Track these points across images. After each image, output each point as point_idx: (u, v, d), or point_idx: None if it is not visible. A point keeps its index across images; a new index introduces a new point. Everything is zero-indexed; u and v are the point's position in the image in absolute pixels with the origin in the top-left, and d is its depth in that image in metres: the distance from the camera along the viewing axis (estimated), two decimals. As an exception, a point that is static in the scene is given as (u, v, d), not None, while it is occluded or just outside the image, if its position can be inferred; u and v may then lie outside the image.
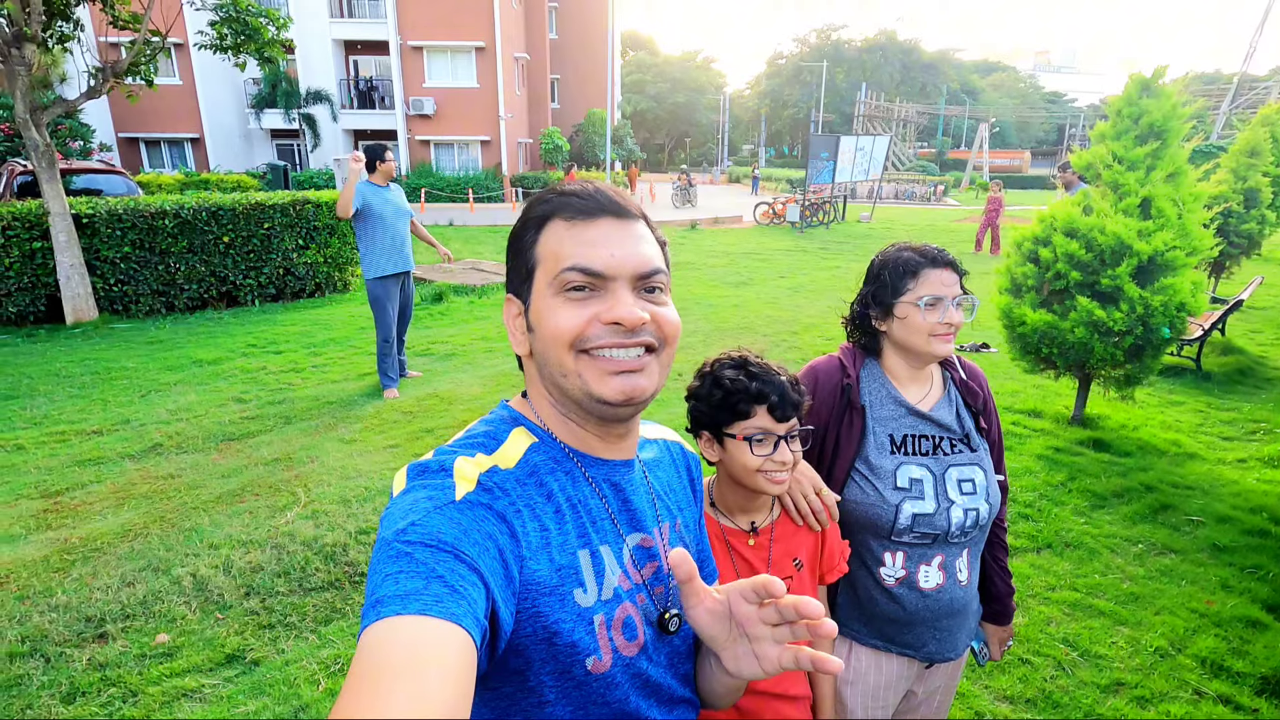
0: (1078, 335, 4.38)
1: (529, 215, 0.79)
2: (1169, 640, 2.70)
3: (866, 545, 1.44)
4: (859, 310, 1.52)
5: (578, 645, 0.72)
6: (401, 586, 0.57)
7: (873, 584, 1.44)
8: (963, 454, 1.45)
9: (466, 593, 0.59)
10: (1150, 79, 4.50)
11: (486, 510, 0.67)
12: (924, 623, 1.44)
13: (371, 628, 0.55)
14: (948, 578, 1.43)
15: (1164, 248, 4.22)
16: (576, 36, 32.53)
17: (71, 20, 7.51)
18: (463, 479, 0.69)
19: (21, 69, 6.84)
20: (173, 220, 7.83)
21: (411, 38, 23.41)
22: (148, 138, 23.42)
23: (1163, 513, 3.71)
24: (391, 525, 0.64)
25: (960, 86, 57.26)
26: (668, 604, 0.83)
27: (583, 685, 0.73)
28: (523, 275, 0.78)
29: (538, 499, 0.73)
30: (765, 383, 1.20)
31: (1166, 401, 5.54)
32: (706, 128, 58.25)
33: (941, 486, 1.41)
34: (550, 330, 0.75)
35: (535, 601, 0.69)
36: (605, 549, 0.77)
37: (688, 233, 17.32)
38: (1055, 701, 2.40)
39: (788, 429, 1.21)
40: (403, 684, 0.50)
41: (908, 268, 1.43)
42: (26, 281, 7.32)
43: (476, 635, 0.57)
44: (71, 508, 3.73)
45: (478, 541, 0.64)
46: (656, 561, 0.83)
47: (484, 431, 0.78)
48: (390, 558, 0.60)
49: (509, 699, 0.71)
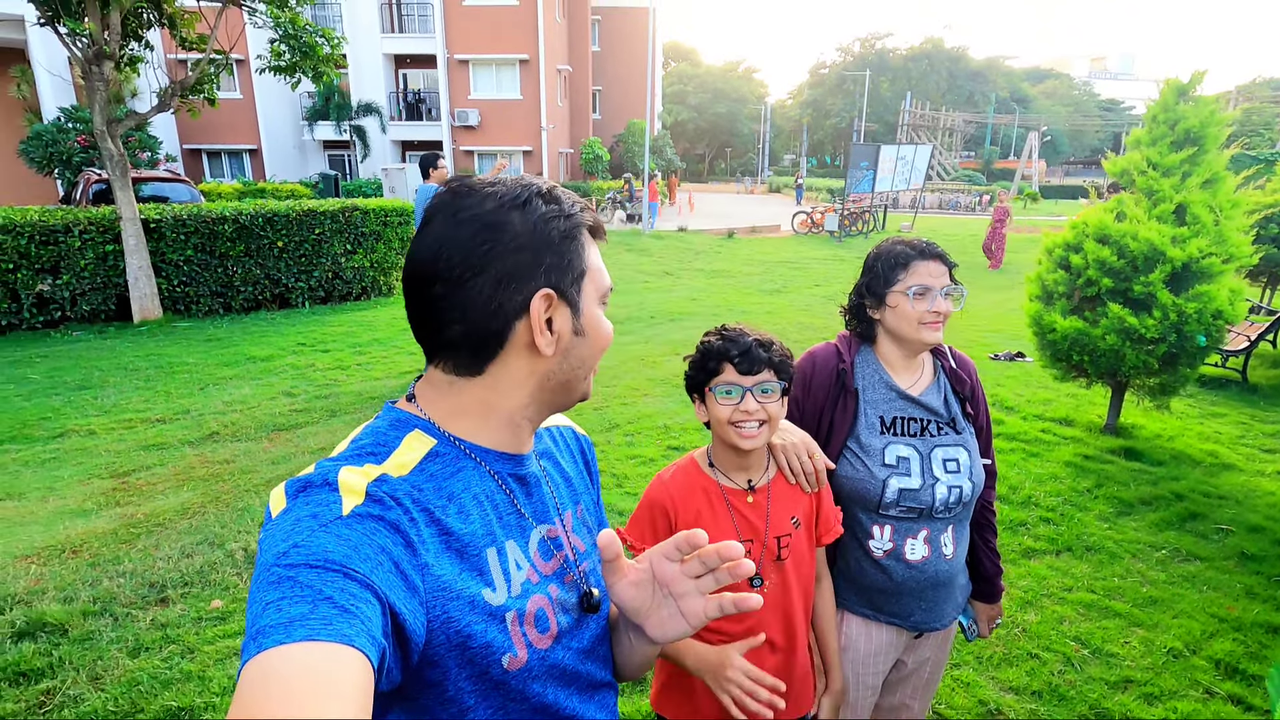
0: (1109, 342, 4.36)
1: (576, 218, 0.78)
2: (1184, 642, 2.70)
3: (857, 519, 1.54)
4: (855, 300, 1.63)
5: (492, 645, 0.71)
6: (285, 613, 0.53)
7: (863, 555, 1.55)
8: (948, 435, 1.55)
9: (359, 611, 0.55)
10: (1187, 85, 4.47)
11: (377, 523, 0.64)
12: (910, 593, 1.54)
13: (252, 662, 0.51)
14: (933, 551, 1.53)
15: (1199, 254, 4.18)
16: (618, 49, 32.98)
17: (143, 41, 8.06)
18: (349, 492, 0.65)
19: (100, 85, 7.36)
20: (232, 225, 8.30)
21: (458, 51, 24.12)
22: (209, 149, 24.58)
23: (1191, 521, 3.67)
24: (272, 548, 0.60)
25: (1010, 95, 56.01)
26: (581, 588, 0.84)
27: (500, 684, 0.72)
28: (575, 276, 0.76)
29: (437, 503, 0.71)
30: (731, 341, 1.32)
31: (1207, 413, 5.42)
32: (747, 138, 58.21)
33: (927, 465, 1.51)
34: (607, 337, 0.81)
35: (445, 608, 0.67)
36: (511, 544, 0.77)
37: (724, 242, 17.41)
38: (1062, 695, 2.43)
39: (755, 382, 1.30)
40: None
41: (899, 260, 1.54)
42: (99, 281, 7.84)
43: (374, 654, 0.54)
44: (137, 487, 4.04)
45: (369, 556, 0.60)
46: (563, 551, 0.84)
47: (372, 441, 0.73)
48: (270, 584, 0.56)
49: (428, 711, 0.70)
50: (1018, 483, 4.04)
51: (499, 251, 0.72)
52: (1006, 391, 5.68)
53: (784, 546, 1.38)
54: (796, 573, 1.41)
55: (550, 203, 0.76)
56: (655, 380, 6.05)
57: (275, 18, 8.04)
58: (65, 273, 7.64)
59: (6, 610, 2.85)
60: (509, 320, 0.73)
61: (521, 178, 0.79)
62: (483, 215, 0.73)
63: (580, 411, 5.14)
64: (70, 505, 3.83)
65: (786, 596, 1.40)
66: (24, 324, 7.57)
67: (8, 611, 2.84)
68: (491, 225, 0.72)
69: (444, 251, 0.72)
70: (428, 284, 0.73)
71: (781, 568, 1.39)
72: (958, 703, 2.39)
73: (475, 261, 0.71)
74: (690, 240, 17.05)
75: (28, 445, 4.66)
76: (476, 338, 0.74)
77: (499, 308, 0.72)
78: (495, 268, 0.72)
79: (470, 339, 0.74)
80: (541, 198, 0.76)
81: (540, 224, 0.74)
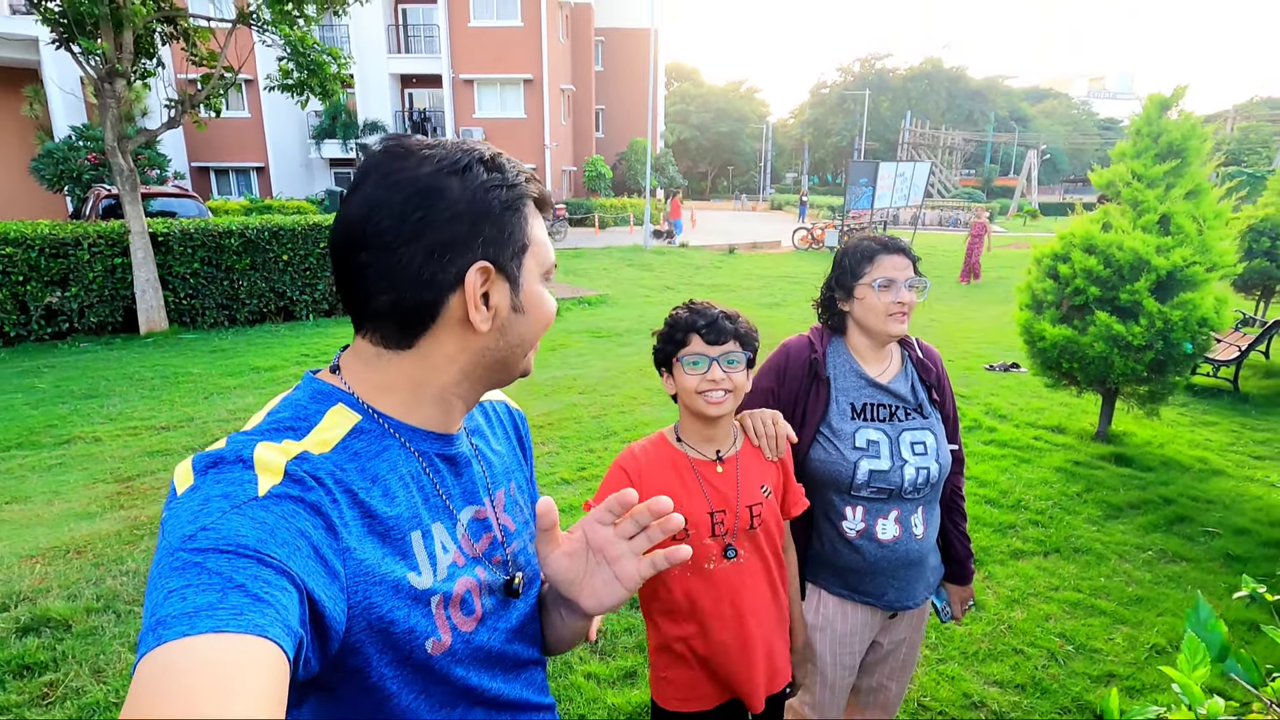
0: (1097, 350, 4.43)
1: (514, 185, 0.73)
2: (1168, 639, 2.75)
3: (830, 501, 1.61)
4: (826, 293, 1.71)
5: (415, 630, 0.68)
6: (190, 603, 0.49)
7: (836, 536, 1.62)
8: (915, 420, 1.63)
9: (274, 599, 0.51)
10: (1170, 99, 4.58)
11: (296, 504, 0.59)
12: (883, 572, 1.61)
13: (150, 656, 0.46)
14: (904, 531, 1.59)
15: (1183, 263, 4.26)
16: (621, 69, 33.47)
17: (155, 58, 8.26)
18: (266, 470, 0.60)
19: (112, 101, 7.54)
20: (238, 239, 8.45)
21: (463, 71, 24.52)
22: (217, 166, 24.93)
23: (1179, 524, 3.71)
24: (176, 530, 0.54)
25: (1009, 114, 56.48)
26: (509, 570, 0.82)
27: (424, 668, 0.69)
28: (515, 249, 0.72)
29: (360, 484, 0.67)
30: (697, 314, 1.38)
31: (1199, 421, 5.47)
32: (749, 156, 58.71)
33: (896, 447, 1.59)
34: (547, 315, 0.77)
35: (366, 593, 0.64)
36: (438, 526, 0.74)
37: (724, 257, 17.56)
38: (1045, 688, 2.48)
39: (721, 352, 1.35)
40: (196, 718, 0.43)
41: (865, 254, 1.62)
42: (107, 294, 7.98)
43: (289, 645, 0.51)
44: (141, 491, 4.11)
45: (286, 541, 0.56)
46: (491, 533, 0.81)
47: (291, 414, 0.68)
48: (174, 570, 0.51)
49: (348, 702, 0.67)
50: (1008, 487, 4.09)
51: (433, 219, 0.67)
52: (1000, 400, 5.74)
53: (756, 516, 1.42)
54: (769, 542, 1.46)
55: (493, 170, 0.71)
56: (653, 390, 6.12)
57: (285, 35, 8.24)
58: (74, 285, 7.78)
59: (12, 607, 2.91)
60: (441, 293, 0.68)
61: (463, 141, 0.73)
62: (418, 179, 0.67)
63: (579, 420, 5.22)
64: (75, 508, 3.90)
65: (763, 564, 1.46)
66: (32, 335, 7.70)
67: (13, 608, 2.90)
68: (426, 191, 0.67)
69: (374, 216, 0.67)
70: (354, 250, 0.68)
71: (754, 537, 1.44)
72: (942, 695, 2.43)
73: (407, 229, 0.66)
74: (691, 256, 17.20)
75: (34, 451, 4.74)
76: (406, 309, 0.69)
77: (431, 279, 0.68)
78: (428, 236, 0.67)
79: (399, 310, 0.69)
80: (483, 164, 0.70)
81: (480, 192, 0.69)
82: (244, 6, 8.30)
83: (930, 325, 9.86)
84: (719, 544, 1.41)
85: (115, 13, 7.13)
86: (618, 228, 24.16)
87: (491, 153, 0.73)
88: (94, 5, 6.91)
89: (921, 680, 2.51)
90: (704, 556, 1.41)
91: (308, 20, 8.53)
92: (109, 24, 7.19)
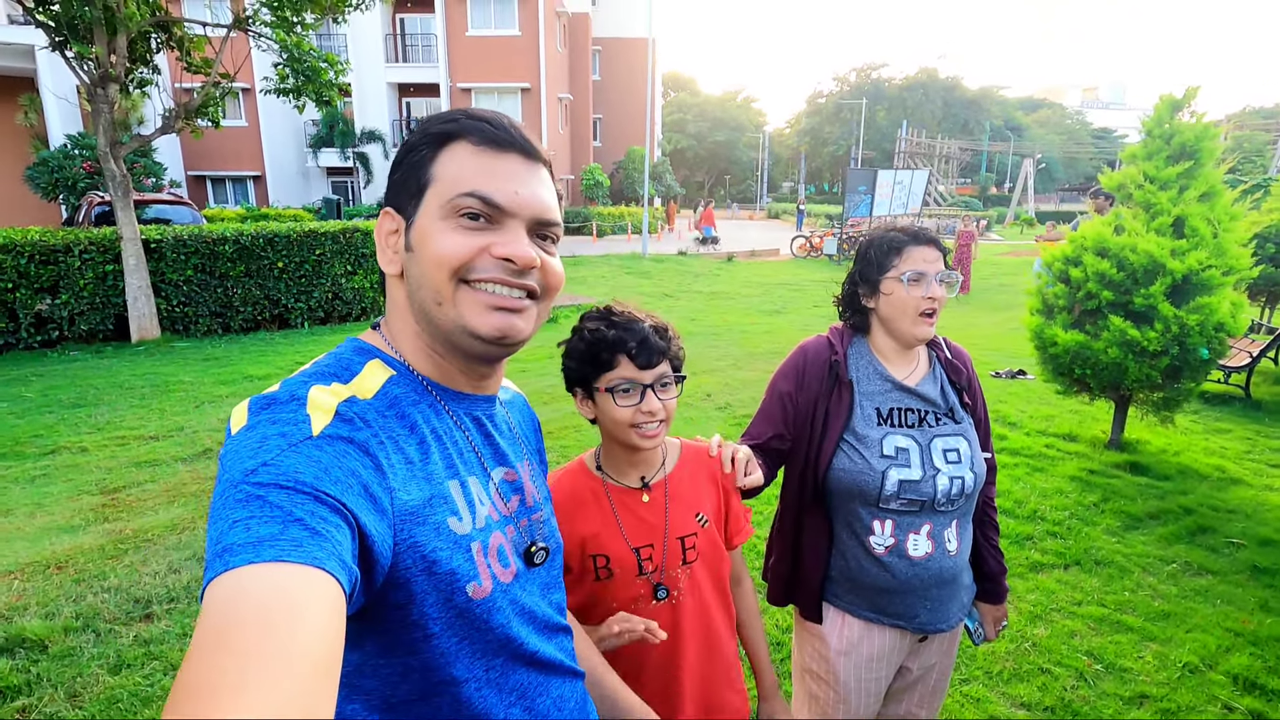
0: (1111, 355, 4.32)
1: (429, 129, 0.74)
2: (1200, 657, 2.62)
3: (856, 514, 1.48)
4: (848, 289, 1.60)
5: (457, 572, 0.69)
6: (254, 533, 0.51)
7: (863, 554, 1.48)
8: (947, 425, 1.50)
9: (330, 535, 0.54)
10: (1182, 100, 4.50)
11: (347, 444, 0.61)
12: (914, 591, 1.47)
13: (219, 580, 0.49)
14: (936, 546, 1.46)
15: (1199, 266, 4.16)
16: (619, 78, 33.53)
17: (151, 65, 8.17)
18: (319, 410, 0.62)
19: (105, 106, 7.44)
20: (232, 246, 8.32)
21: (461, 80, 24.51)
22: (214, 175, 24.85)
23: (1201, 535, 3.59)
24: (238, 465, 0.57)
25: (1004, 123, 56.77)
26: (534, 537, 0.83)
27: (465, 613, 0.70)
28: (411, 191, 0.72)
29: (400, 430, 0.69)
30: (625, 330, 1.15)
31: (1212, 429, 5.36)
32: (746, 165, 58.87)
33: (927, 455, 1.46)
34: (434, 253, 0.70)
35: (411, 532, 0.65)
36: (474, 480, 0.75)
37: (723, 265, 17.48)
38: (1075, 711, 2.35)
39: (654, 377, 1.15)
40: (263, 642, 0.45)
41: (892, 245, 1.51)
42: (98, 301, 7.84)
43: (344, 579, 0.53)
44: (127, 503, 3.96)
45: (340, 479, 0.58)
46: (520, 495, 0.82)
47: (334, 363, 0.71)
48: (238, 501, 0.54)
49: (392, 634, 0.68)
50: (1022, 497, 3.97)
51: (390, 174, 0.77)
52: (1009, 408, 5.63)
53: (690, 548, 1.24)
54: (711, 576, 1.28)
55: (424, 123, 0.76)
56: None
57: (280, 41, 8.15)
58: (64, 292, 7.64)
59: (-14, 626, 2.77)
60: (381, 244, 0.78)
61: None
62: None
63: (580, 428, 5.09)
64: (58, 521, 3.76)
65: (700, 603, 1.26)
66: (21, 344, 7.55)
67: (-13, 627, 2.76)
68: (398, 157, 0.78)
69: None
70: None
71: (690, 571, 1.25)
72: (967, 717, 2.30)
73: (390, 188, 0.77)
74: (689, 264, 17.12)
75: (18, 462, 4.60)
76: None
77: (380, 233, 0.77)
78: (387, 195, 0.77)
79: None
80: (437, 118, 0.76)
81: (404, 145, 0.76)
82: (240, 11, 8.22)
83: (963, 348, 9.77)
84: (647, 584, 1.22)
85: (110, 18, 7.04)
86: (615, 236, 24.10)
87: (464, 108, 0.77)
88: (87, 9, 6.82)
89: (945, 702, 2.37)
90: (630, 598, 1.22)
91: (305, 27, 8.46)
92: (102, 28, 7.09)
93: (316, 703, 0.45)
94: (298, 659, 0.45)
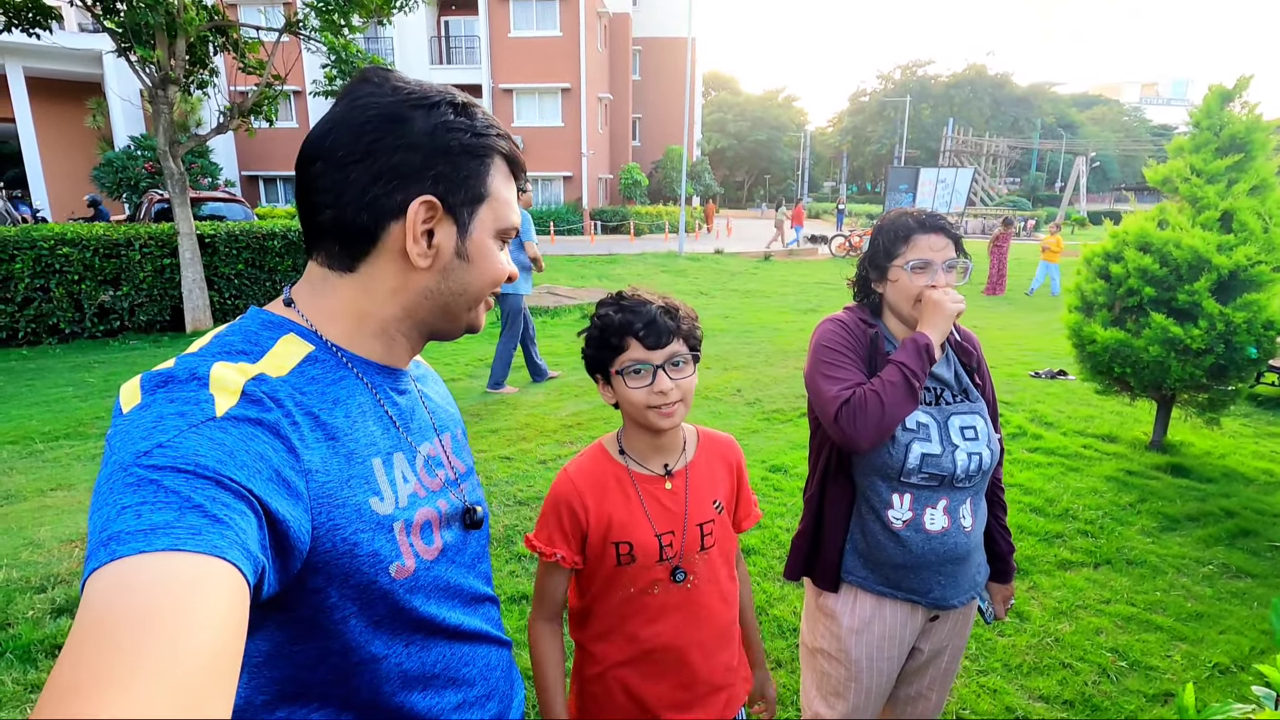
0: (1152, 354, 4.20)
1: (488, 139, 0.73)
2: (1232, 658, 2.55)
3: (876, 489, 1.50)
4: (860, 273, 1.62)
5: (379, 554, 0.67)
6: (145, 520, 0.47)
7: (880, 528, 1.50)
8: (963, 404, 1.52)
9: (233, 522, 0.50)
10: (1232, 90, 4.34)
11: (255, 426, 0.58)
12: (929, 566, 1.49)
13: (102, 571, 0.45)
14: (952, 522, 1.48)
15: (1247, 262, 4.02)
16: (658, 77, 33.63)
17: (209, 69, 8.56)
18: (222, 390, 0.58)
19: (165, 108, 7.82)
20: (280, 241, 8.66)
21: (503, 81, 24.91)
22: (265, 175, 25.76)
23: (1242, 538, 3.48)
24: (129, 446, 0.52)
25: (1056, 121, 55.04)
26: (472, 500, 0.84)
27: (386, 595, 0.69)
28: (467, 196, 0.72)
29: (319, 407, 0.66)
30: (632, 312, 1.16)
31: (1263, 432, 5.15)
32: (787, 164, 58.34)
33: (945, 432, 1.48)
34: (495, 274, 0.76)
35: (330, 515, 0.63)
36: (398, 456, 0.74)
37: (759, 264, 17.39)
38: (1095, 705, 2.31)
39: (665, 357, 1.16)
40: (149, 636, 0.41)
41: (900, 232, 1.52)
42: (156, 293, 8.24)
43: (249, 569, 0.49)
44: (178, 481, 4.19)
45: (246, 464, 0.54)
46: (443, 470, 0.82)
47: (240, 339, 0.67)
48: (129, 486, 0.50)
49: (307, 620, 0.66)
50: (1055, 495, 3.90)
51: (386, 145, 0.68)
52: (1047, 408, 5.51)
53: (708, 534, 1.27)
54: (724, 560, 1.31)
55: (460, 114, 0.72)
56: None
57: (329, 43, 8.45)
58: (125, 284, 8.06)
59: (49, 589, 2.97)
60: (381, 218, 0.69)
61: (447, 87, 0.74)
62: (382, 105, 0.69)
63: (609, 420, 5.17)
64: (115, 496, 3.99)
65: (717, 588, 1.29)
66: (85, 333, 7.99)
67: (50, 590, 2.96)
68: (387, 117, 0.68)
69: (333, 132, 0.68)
70: (310, 161, 0.69)
71: (708, 557, 1.27)
72: (982, 708, 2.29)
73: (359, 149, 0.67)
74: (726, 263, 17.08)
75: (80, 441, 4.88)
76: (346, 228, 0.69)
77: (372, 201, 0.68)
78: (379, 161, 0.68)
79: (340, 228, 0.69)
80: (452, 107, 0.72)
81: (441, 130, 0.70)
82: (291, 16, 8.54)
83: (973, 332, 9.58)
84: (666, 568, 1.24)
85: (170, 23, 7.41)
86: (653, 235, 24.18)
87: (464, 100, 0.74)
88: (151, 14, 7.18)
89: (961, 692, 2.37)
90: (648, 581, 1.24)
91: (352, 29, 8.75)
92: (164, 33, 7.46)
93: (207, 701, 0.42)
94: (188, 655, 0.42)
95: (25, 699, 2.31)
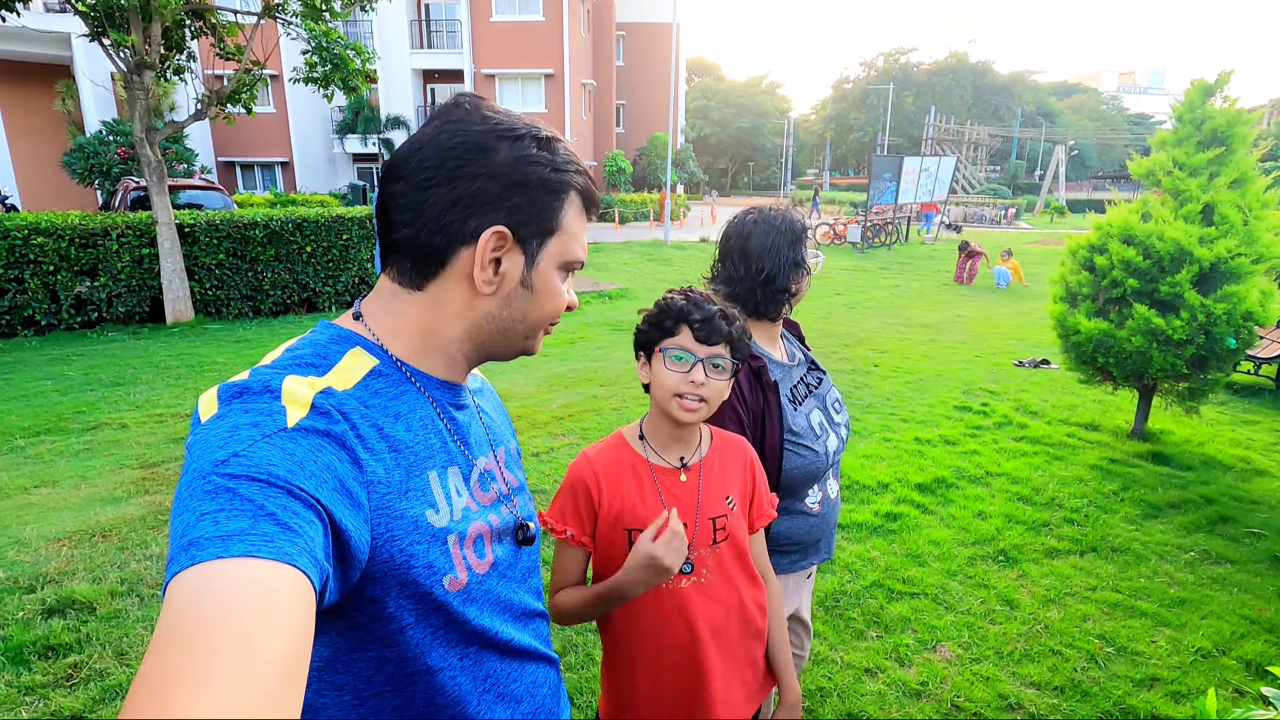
0: (1135, 344, 4.28)
1: (566, 176, 0.75)
2: (1213, 642, 2.63)
3: (805, 491, 1.55)
4: None
5: (434, 566, 0.70)
6: (222, 527, 0.50)
7: (801, 516, 1.56)
8: (824, 375, 1.66)
9: (303, 531, 0.53)
10: (1214, 85, 4.41)
11: (323, 438, 0.60)
12: (830, 526, 1.63)
13: (183, 575, 0.47)
14: (836, 484, 1.64)
15: (1227, 254, 4.10)
16: (642, 64, 33.37)
17: (185, 53, 8.34)
18: (293, 402, 0.61)
19: (140, 93, 7.62)
20: (262, 230, 8.51)
21: (485, 66, 24.57)
22: (243, 161, 25.25)
23: (1221, 524, 3.58)
24: (207, 455, 0.55)
25: (1036, 109, 55.47)
26: (525, 516, 0.86)
27: (441, 607, 0.71)
28: (539, 228, 0.74)
29: (382, 421, 0.68)
30: (694, 305, 1.22)
31: (1239, 420, 5.29)
32: (770, 151, 58.26)
33: (828, 415, 1.59)
34: (557, 306, 0.79)
35: (389, 526, 0.66)
36: (453, 471, 0.76)
37: (746, 252, 17.37)
38: (1085, 691, 2.38)
39: (709, 353, 1.20)
40: (228, 639, 0.44)
41: None
42: (135, 284, 8.07)
43: (315, 576, 0.52)
44: (166, 477, 4.13)
45: (314, 474, 0.57)
46: (496, 484, 0.84)
47: (311, 352, 0.69)
48: (207, 493, 0.52)
49: (365, 628, 0.68)
50: (1041, 484, 3.98)
51: (468, 172, 0.70)
52: (1031, 396, 5.60)
53: (720, 529, 1.28)
54: (737, 557, 1.32)
55: (542, 149, 0.73)
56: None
57: (310, 29, 8.27)
58: (103, 275, 7.88)
59: (38, 589, 2.93)
60: (453, 243, 0.71)
61: (534, 120, 0.76)
62: (469, 133, 0.71)
63: (600, 411, 5.17)
64: (101, 493, 3.93)
65: (730, 586, 1.30)
66: (62, 324, 7.81)
67: (39, 589, 2.92)
68: (473, 145, 0.70)
69: (420, 153, 0.71)
70: (394, 179, 0.72)
71: (718, 552, 1.29)
72: (976, 695, 2.35)
73: (443, 173, 0.70)
74: (711, 250, 17.02)
75: (62, 437, 4.80)
76: (419, 248, 0.71)
77: (447, 225, 0.70)
78: (459, 187, 0.70)
79: (413, 247, 0.72)
80: (536, 141, 0.73)
81: (522, 163, 0.72)
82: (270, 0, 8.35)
83: (956, 320, 9.69)
84: None
85: (144, 6, 7.20)
86: (637, 223, 24.09)
87: (549, 134, 0.75)
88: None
89: (955, 680, 2.43)
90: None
91: (333, 14, 8.56)
92: (138, 16, 7.26)
93: (281, 702, 0.44)
94: (263, 658, 0.44)
95: (19, 701, 2.28)
